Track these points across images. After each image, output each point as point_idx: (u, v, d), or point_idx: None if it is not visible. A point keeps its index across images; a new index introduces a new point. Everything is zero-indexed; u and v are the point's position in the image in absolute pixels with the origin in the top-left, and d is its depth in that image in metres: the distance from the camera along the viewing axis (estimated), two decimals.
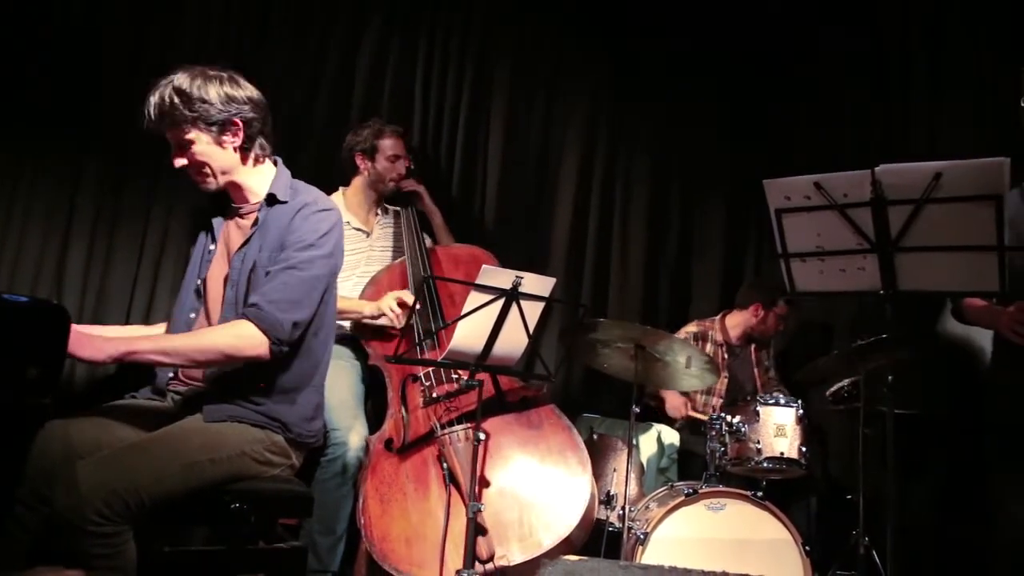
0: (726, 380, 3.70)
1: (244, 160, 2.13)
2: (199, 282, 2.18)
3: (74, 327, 1.75)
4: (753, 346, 3.81)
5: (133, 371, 2.16)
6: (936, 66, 3.63)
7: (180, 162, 2.09)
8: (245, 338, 1.96)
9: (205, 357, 1.96)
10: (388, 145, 3.25)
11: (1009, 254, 2.04)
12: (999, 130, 3.01)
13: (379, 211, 3.33)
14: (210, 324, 2.12)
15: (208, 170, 2.10)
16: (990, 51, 3.37)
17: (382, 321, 2.89)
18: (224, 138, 2.08)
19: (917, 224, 2.04)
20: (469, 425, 2.62)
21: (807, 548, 2.79)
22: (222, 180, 2.13)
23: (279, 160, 2.21)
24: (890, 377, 2.40)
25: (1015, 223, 2.35)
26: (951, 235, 2.03)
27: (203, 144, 2.07)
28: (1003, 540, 2.36)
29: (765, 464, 3.02)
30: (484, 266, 2.44)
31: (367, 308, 2.92)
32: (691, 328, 3.75)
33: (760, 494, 2.87)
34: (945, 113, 3.58)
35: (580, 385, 3.97)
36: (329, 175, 3.27)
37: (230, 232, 2.20)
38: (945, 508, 3.21)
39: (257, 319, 1.97)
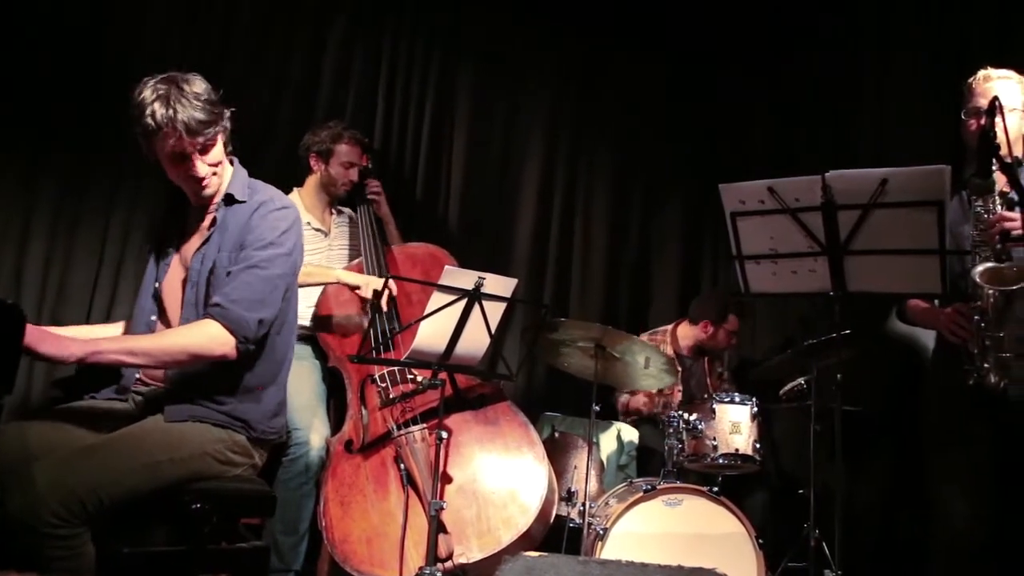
0: (680, 392, 3.75)
1: None
2: (156, 286, 2.16)
3: (33, 326, 1.74)
4: (705, 359, 3.86)
5: (92, 372, 2.13)
6: (884, 76, 3.75)
7: (206, 169, 2.04)
8: (212, 337, 1.95)
9: (171, 357, 1.94)
10: (344, 151, 3.22)
11: (948, 258, 2.13)
12: (942, 140, 3.13)
13: (333, 211, 3.32)
14: (170, 327, 2.11)
15: (217, 173, 2.09)
16: (935, 62, 3.50)
17: (339, 315, 2.88)
18: (222, 139, 2.07)
19: (865, 228, 2.12)
20: (425, 425, 2.65)
21: (760, 541, 2.87)
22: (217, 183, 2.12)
23: (235, 160, 2.20)
24: (839, 375, 2.48)
25: (955, 229, 2.46)
26: (896, 239, 2.12)
27: (219, 147, 2.07)
28: (940, 532, 2.46)
29: (721, 460, 3.10)
30: (446, 267, 2.47)
31: (345, 276, 2.91)
32: (644, 339, 3.79)
33: (716, 489, 2.94)
34: (892, 121, 3.71)
35: (542, 384, 4.02)
36: (292, 175, 3.26)
37: (188, 234, 2.18)
38: (891, 501, 3.32)
39: (222, 318, 1.96)
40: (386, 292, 2.84)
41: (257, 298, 2.01)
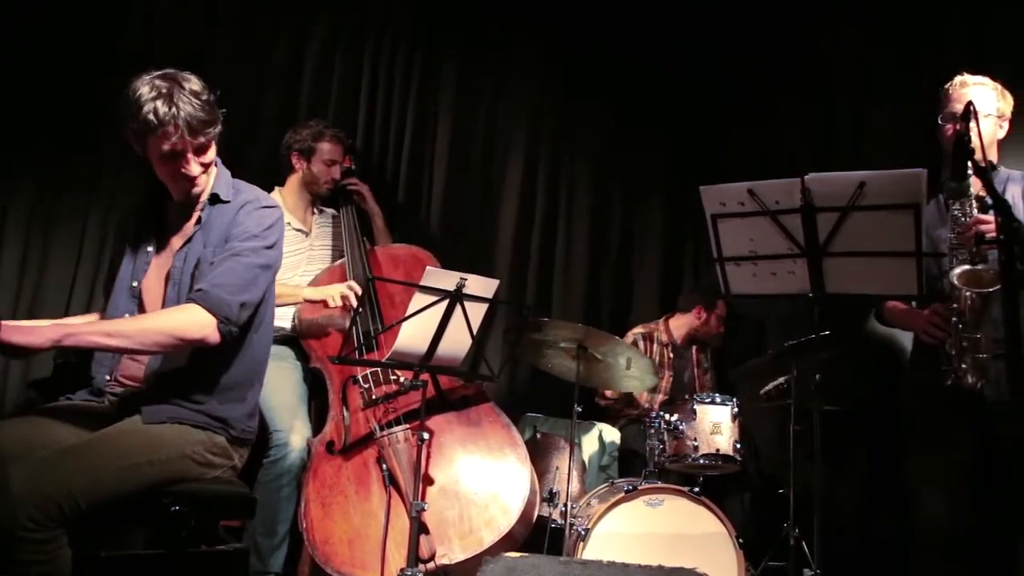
0: (671, 378, 3.81)
1: None
2: (135, 284, 2.13)
3: (3, 322, 1.73)
4: (695, 347, 3.93)
5: (68, 373, 2.11)
6: (864, 82, 3.79)
7: (199, 168, 2.02)
8: (192, 319, 1.93)
9: (151, 339, 1.91)
10: (326, 149, 3.22)
11: (925, 260, 2.16)
12: (922, 143, 3.16)
13: (315, 211, 3.31)
14: None
15: (209, 170, 2.07)
16: (912, 70, 3.54)
17: (321, 317, 2.88)
18: (215, 140, 2.06)
19: (843, 230, 2.14)
20: (408, 426, 2.65)
21: (741, 541, 2.89)
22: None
23: (218, 160, 2.18)
24: (817, 376, 2.51)
25: (932, 231, 2.49)
26: (874, 241, 2.14)
27: (213, 148, 2.05)
28: (918, 532, 2.50)
29: (702, 461, 3.12)
30: (428, 268, 2.46)
31: (308, 292, 2.91)
32: (639, 330, 3.87)
33: (696, 490, 2.96)
34: (871, 124, 3.74)
35: (524, 385, 4.03)
36: (275, 175, 3.25)
37: (169, 232, 2.16)
38: (869, 500, 3.36)
39: (204, 301, 1.95)
40: (356, 293, 2.84)
41: (240, 283, 2.00)
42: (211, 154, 2.06)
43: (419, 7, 4.06)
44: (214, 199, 2.12)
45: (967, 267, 2.33)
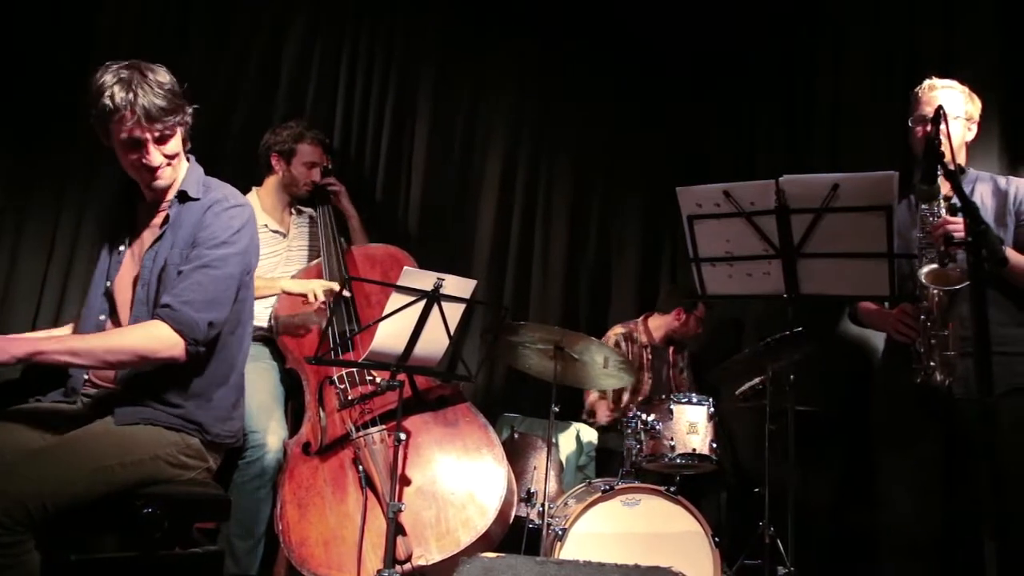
0: (650, 379, 3.83)
1: None
2: (108, 284, 2.11)
3: None
4: (672, 348, 3.96)
5: (38, 374, 2.08)
6: (838, 79, 3.83)
7: (160, 158, 2.00)
8: (159, 339, 1.92)
9: (117, 358, 1.90)
10: (307, 151, 3.20)
11: (897, 261, 2.19)
12: (894, 144, 3.21)
13: (293, 211, 3.28)
14: (121, 326, 2.06)
15: (172, 165, 2.04)
16: (885, 75, 3.59)
17: (298, 316, 2.86)
18: (181, 133, 2.04)
19: (817, 232, 2.17)
20: (384, 427, 2.64)
21: (717, 539, 2.91)
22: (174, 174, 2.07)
23: (192, 157, 2.16)
24: (792, 376, 2.53)
25: (903, 232, 2.53)
26: (847, 242, 2.17)
27: (177, 140, 2.02)
28: (887, 530, 2.54)
29: (678, 460, 3.14)
30: (405, 268, 2.45)
31: (288, 285, 2.88)
32: (619, 329, 3.88)
33: (673, 489, 2.97)
34: (845, 126, 3.79)
35: (501, 385, 4.03)
36: (250, 175, 3.22)
37: (140, 231, 2.14)
38: (843, 498, 3.40)
39: (171, 319, 1.93)
40: (341, 292, 2.83)
41: (208, 299, 1.97)
42: (174, 145, 2.02)
43: (398, 5, 4.04)
44: (183, 196, 2.09)
45: (934, 266, 2.37)
